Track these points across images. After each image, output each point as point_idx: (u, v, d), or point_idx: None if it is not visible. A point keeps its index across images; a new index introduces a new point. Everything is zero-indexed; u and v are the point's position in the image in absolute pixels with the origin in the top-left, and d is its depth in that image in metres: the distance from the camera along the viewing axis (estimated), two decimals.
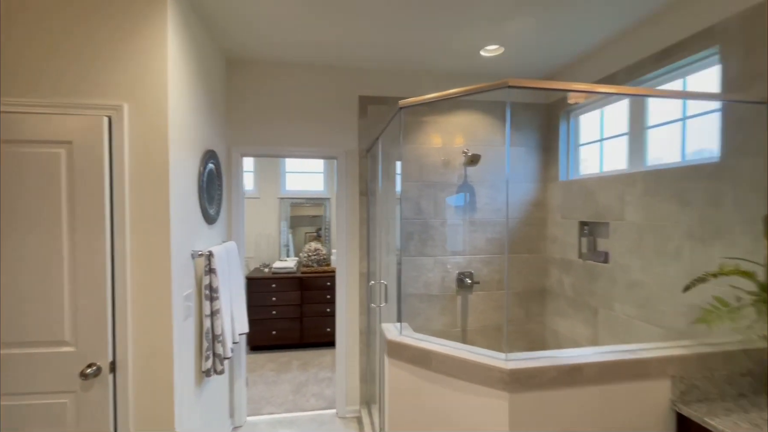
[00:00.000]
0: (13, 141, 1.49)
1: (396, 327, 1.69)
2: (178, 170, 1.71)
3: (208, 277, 1.95)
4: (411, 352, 1.50)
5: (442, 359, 1.42)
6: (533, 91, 2.94)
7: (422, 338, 1.55)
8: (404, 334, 1.60)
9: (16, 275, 1.50)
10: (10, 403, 1.51)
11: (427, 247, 2.87)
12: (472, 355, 1.39)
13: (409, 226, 2.85)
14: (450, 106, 2.88)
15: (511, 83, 1.32)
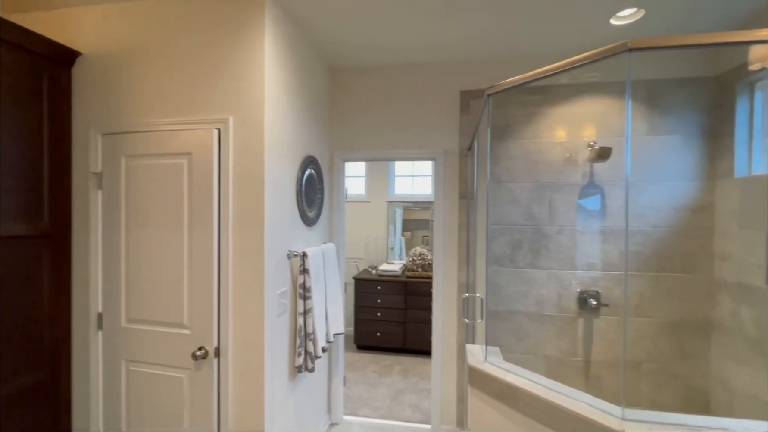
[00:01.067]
0: (150, 154, 1.81)
1: (482, 350, 1.46)
2: (274, 176, 1.82)
3: (302, 277, 2.03)
4: (495, 384, 1.25)
5: (532, 401, 1.14)
6: (691, 62, 2.25)
7: (511, 369, 1.29)
8: (490, 361, 1.35)
9: (154, 264, 1.82)
10: (147, 370, 1.83)
11: (539, 259, 2.47)
12: (571, 401, 1.07)
13: (517, 234, 2.50)
14: (570, 92, 2.43)
15: (633, 44, 0.98)
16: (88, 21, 1.90)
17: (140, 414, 1.85)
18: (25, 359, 1.71)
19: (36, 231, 1.74)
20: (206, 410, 1.76)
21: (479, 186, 2.39)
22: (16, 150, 1.65)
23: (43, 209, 1.77)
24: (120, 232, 1.86)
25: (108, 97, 1.87)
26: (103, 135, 1.88)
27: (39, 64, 1.74)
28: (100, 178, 1.88)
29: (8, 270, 1.63)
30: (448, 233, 2.58)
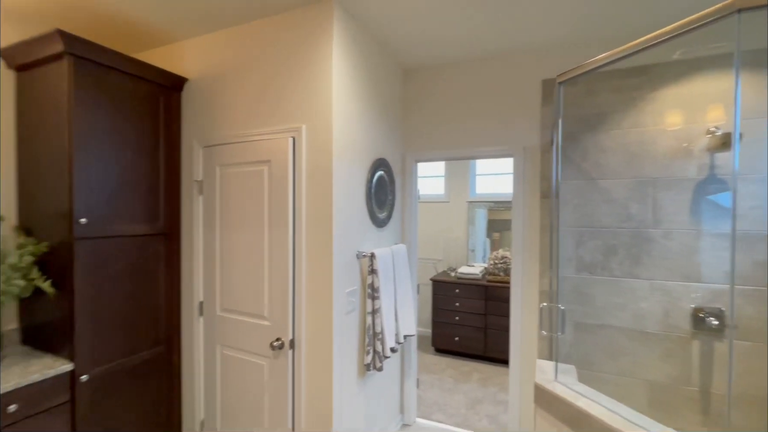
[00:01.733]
0: (238, 163, 2.03)
1: (553, 367, 1.31)
2: (342, 179, 1.90)
3: (371, 277, 2.08)
4: (565, 408, 1.11)
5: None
6: None
7: (585, 392, 1.13)
8: (560, 381, 1.21)
9: (241, 260, 2.04)
10: (236, 355, 2.07)
11: (639, 267, 2.13)
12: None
13: (611, 237, 2.19)
14: (682, 70, 2.04)
15: (741, 4, 0.77)
16: (192, 51, 2.21)
17: (230, 390, 2.09)
18: (149, 337, 2.07)
19: (154, 230, 2.09)
20: (282, 396, 1.91)
21: (564, 184, 2.16)
22: (141, 164, 2.01)
23: (159, 212, 2.12)
24: (215, 232, 2.13)
25: (207, 115, 2.16)
26: (203, 147, 2.17)
27: (156, 91, 2.09)
28: (201, 185, 2.18)
29: (137, 263, 2.00)
30: (528, 236, 2.38)
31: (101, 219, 1.83)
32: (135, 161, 1.98)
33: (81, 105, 1.74)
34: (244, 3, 1.84)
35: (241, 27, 2.05)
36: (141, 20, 2.02)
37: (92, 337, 1.81)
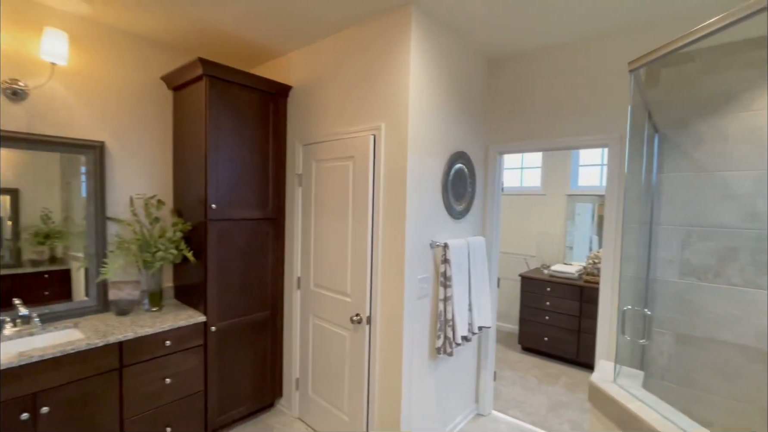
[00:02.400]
0: (329, 159, 2.32)
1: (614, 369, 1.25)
2: (416, 173, 2.02)
3: (443, 266, 2.17)
4: (615, 409, 1.08)
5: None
6: None
7: (644, 398, 1.07)
8: (619, 383, 1.16)
9: (329, 243, 2.34)
10: (324, 325, 2.39)
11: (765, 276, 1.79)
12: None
13: (729, 239, 1.88)
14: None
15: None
16: (295, 62, 2.57)
17: (319, 355, 2.43)
18: (259, 302, 2.53)
19: (264, 215, 2.53)
20: (360, 365, 2.16)
21: (666, 177, 1.92)
22: (255, 160, 2.45)
23: (268, 200, 2.55)
24: (311, 218, 2.47)
25: (306, 117, 2.50)
26: (303, 145, 2.52)
27: (267, 98, 2.50)
28: (300, 177, 2.54)
29: (251, 242, 2.46)
30: (618, 233, 2.17)
31: (226, 205, 2.31)
32: (250, 158, 2.42)
33: (213, 115, 2.21)
34: (332, 15, 2.08)
35: (331, 38, 2.31)
36: (257, 40, 2.43)
37: (219, 298, 2.31)
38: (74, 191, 2.19)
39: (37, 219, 2.08)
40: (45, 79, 2.03)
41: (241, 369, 2.45)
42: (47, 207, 2.10)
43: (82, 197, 2.21)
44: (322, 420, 2.42)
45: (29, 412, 1.65)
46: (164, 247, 2.24)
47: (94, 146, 2.21)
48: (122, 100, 2.34)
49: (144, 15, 2.12)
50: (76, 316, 2.15)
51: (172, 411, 2.12)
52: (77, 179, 2.20)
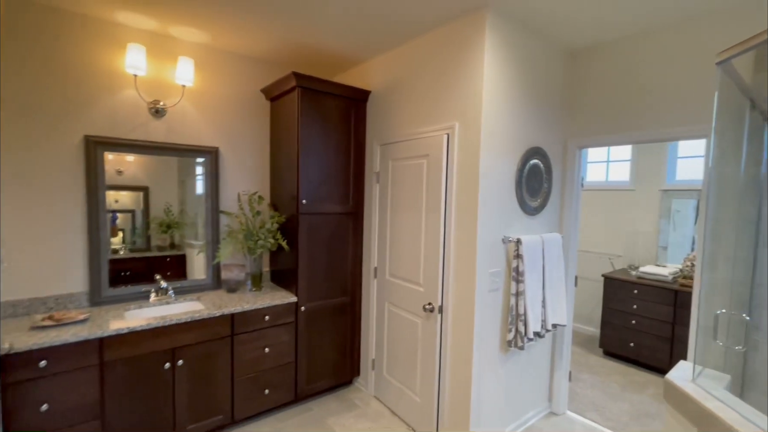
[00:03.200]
0: (404, 157, 2.48)
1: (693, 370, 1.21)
2: (488, 170, 2.09)
3: (516, 261, 2.21)
4: (691, 407, 1.07)
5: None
6: None
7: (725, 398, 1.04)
8: (698, 383, 1.13)
9: (404, 237, 2.51)
10: (398, 312, 2.57)
11: None
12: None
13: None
14: None
15: None
16: (375, 68, 2.77)
17: (393, 339, 2.63)
18: (340, 289, 2.81)
19: (346, 210, 2.79)
20: (431, 350, 2.30)
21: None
22: (338, 160, 2.71)
23: (349, 196, 2.80)
24: (387, 213, 2.67)
25: (383, 119, 2.69)
26: (380, 145, 2.72)
27: (349, 104, 2.74)
28: (378, 175, 2.75)
29: (334, 234, 2.74)
30: (716, 231, 1.98)
31: (313, 201, 2.60)
32: (334, 159, 2.69)
33: (304, 121, 2.51)
34: (410, 22, 2.22)
35: (408, 44, 2.46)
36: (342, 51, 2.68)
37: (307, 282, 2.62)
38: (188, 189, 2.66)
39: (161, 212, 2.56)
40: (178, 99, 2.51)
41: (325, 347, 2.75)
42: (168, 201, 2.58)
43: (195, 194, 2.66)
44: (395, 399, 2.62)
45: (170, 363, 2.11)
46: (264, 236, 2.62)
47: (211, 151, 2.66)
48: (231, 112, 2.77)
49: (248, 39, 2.49)
50: (198, 291, 2.63)
51: (270, 376, 2.49)
52: (191, 179, 2.66)
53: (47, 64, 2.11)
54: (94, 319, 2.05)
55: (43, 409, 1.76)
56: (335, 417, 2.59)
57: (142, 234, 2.49)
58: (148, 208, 2.50)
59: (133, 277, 2.44)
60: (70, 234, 2.23)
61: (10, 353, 1.68)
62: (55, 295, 2.19)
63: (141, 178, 2.45)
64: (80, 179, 2.24)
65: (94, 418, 1.90)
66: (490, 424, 2.27)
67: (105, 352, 1.91)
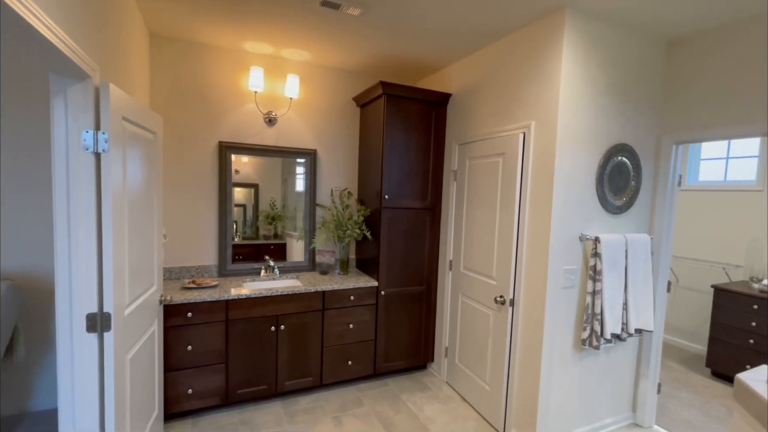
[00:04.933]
0: (480, 156, 2.60)
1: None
2: (566, 167, 2.11)
3: (593, 260, 2.18)
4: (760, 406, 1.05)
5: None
6: None
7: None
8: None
9: (478, 233, 2.63)
10: (471, 303, 2.70)
11: None
12: None
13: None
14: None
15: None
16: (454, 72, 2.94)
17: (466, 329, 2.76)
18: (416, 279, 3.04)
19: (424, 206, 3.00)
20: (502, 341, 2.39)
21: None
22: (418, 160, 2.94)
23: (428, 193, 3.01)
24: (463, 209, 2.81)
25: (461, 119, 2.84)
26: (458, 145, 2.88)
27: (430, 107, 2.95)
28: (455, 174, 2.91)
29: (412, 228, 2.97)
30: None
31: (394, 196, 2.87)
32: (415, 158, 2.93)
33: (388, 125, 2.80)
34: (490, 28, 2.34)
35: (487, 48, 2.57)
36: (425, 58, 2.90)
37: (387, 269, 2.90)
38: (289, 186, 3.13)
39: (267, 206, 3.06)
40: (286, 109, 3.01)
41: (401, 330, 3.01)
42: (273, 197, 3.07)
43: (294, 191, 3.13)
44: (465, 386, 2.75)
45: (275, 327, 2.57)
46: (351, 227, 2.97)
47: (311, 153, 3.11)
48: (327, 118, 3.19)
49: (342, 54, 2.86)
50: (296, 271, 3.10)
51: (353, 349, 2.83)
52: (292, 177, 3.13)
53: (193, 89, 2.74)
54: (222, 286, 2.60)
55: (188, 348, 2.33)
56: (408, 394, 2.82)
57: (251, 225, 3.03)
58: (258, 203, 3.03)
59: (245, 260, 2.99)
60: (206, 220, 2.85)
61: (170, 304, 2.26)
62: (195, 266, 2.82)
63: (252, 177, 2.98)
64: (214, 177, 2.85)
65: (221, 362, 2.43)
66: (561, 421, 2.27)
67: (229, 311, 2.43)
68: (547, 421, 2.21)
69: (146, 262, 1.91)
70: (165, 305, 2.25)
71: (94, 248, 1.48)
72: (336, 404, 2.66)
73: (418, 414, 2.58)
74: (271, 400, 2.67)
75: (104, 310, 1.50)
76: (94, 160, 1.46)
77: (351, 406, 2.64)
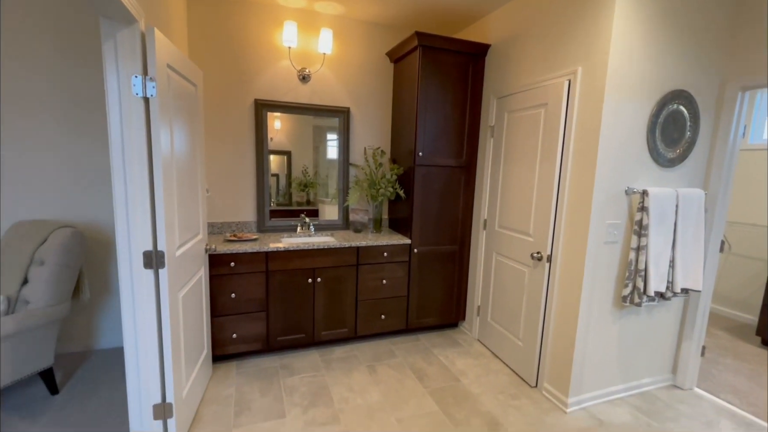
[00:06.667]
0: (520, 109, 2.49)
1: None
2: (614, 116, 1.97)
3: (639, 214, 2.08)
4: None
5: None
6: None
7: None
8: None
9: (514, 190, 2.56)
10: (505, 261, 2.67)
11: None
12: None
13: None
14: None
15: None
16: (494, 22, 2.77)
17: (499, 288, 2.75)
18: (449, 238, 3.02)
19: (458, 164, 2.94)
20: (537, 300, 2.36)
21: None
22: (453, 115, 2.86)
23: (463, 150, 2.94)
24: (499, 166, 2.73)
25: (501, 71, 2.71)
26: (497, 98, 2.76)
27: (468, 59, 2.82)
28: (492, 129, 2.81)
29: (445, 186, 2.93)
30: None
31: (428, 153, 2.83)
32: (451, 114, 2.84)
33: (423, 79, 2.71)
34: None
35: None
36: (462, 6, 2.75)
37: (420, 227, 2.91)
38: (320, 153, 3.13)
39: (299, 173, 3.09)
40: (319, 66, 2.98)
41: (433, 288, 3.04)
42: (305, 164, 3.10)
43: (326, 158, 3.12)
44: (497, 343, 2.77)
45: (311, 279, 2.66)
46: (384, 186, 2.97)
47: (344, 111, 3.09)
48: (360, 75, 3.13)
49: (377, 6, 2.76)
50: (330, 229, 3.17)
51: (386, 304, 2.90)
52: (323, 144, 3.12)
53: (228, 45, 2.75)
54: (262, 240, 2.70)
55: (232, 296, 2.47)
56: (439, 349, 2.88)
57: (285, 193, 3.08)
58: (291, 170, 3.07)
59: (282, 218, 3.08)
60: (244, 177, 2.93)
61: (214, 253, 2.39)
62: (236, 221, 2.94)
63: (285, 144, 3.01)
64: (251, 134, 2.90)
65: (262, 310, 2.57)
66: (596, 378, 2.25)
67: (269, 263, 2.54)
68: (581, 377, 2.20)
69: (192, 210, 2.01)
70: (210, 254, 2.38)
71: (146, 192, 1.56)
72: (370, 354, 2.77)
73: (450, 367, 2.64)
74: (308, 349, 2.82)
75: (158, 249, 1.60)
76: (143, 105, 1.51)
77: (384, 357, 2.74)
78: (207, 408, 2.13)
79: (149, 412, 1.69)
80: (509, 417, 2.14)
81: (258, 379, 2.42)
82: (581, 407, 2.23)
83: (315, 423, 2.04)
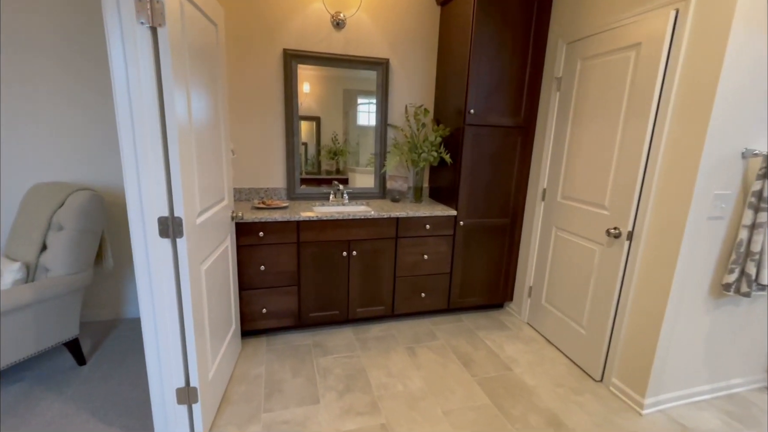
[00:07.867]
0: (600, 53, 2.03)
1: None
2: (741, 54, 1.52)
3: (760, 183, 1.65)
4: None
5: None
6: None
7: None
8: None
9: (588, 153, 2.15)
10: (569, 238, 2.30)
11: None
12: None
13: None
14: None
15: None
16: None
17: (559, 268, 2.40)
18: (500, 209, 2.67)
19: (515, 123, 2.53)
20: (609, 284, 2.01)
21: None
22: (511, 66, 2.43)
23: (521, 107, 2.52)
24: (567, 126, 2.31)
25: (574, 10, 2.23)
26: (567, 44, 2.30)
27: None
28: (559, 82, 2.36)
29: (499, 149, 2.55)
30: None
31: (481, 111, 2.43)
32: (509, 64, 2.41)
33: (479, 21, 2.28)
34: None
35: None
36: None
37: (467, 197, 2.56)
38: (350, 120, 2.77)
39: (329, 141, 2.77)
40: (355, 10, 2.59)
41: (479, 265, 2.72)
42: (335, 131, 2.76)
43: (356, 125, 2.77)
44: (552, 328, 2.46)
45: (346, 252, 2.41)
46: (427, 149, 2.62)
47: (382, 63, 2.71)
48: (400, 21, 2.71)
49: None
50: (366, 198, 2.88)
51: (426, 281, 2.63)
52: (353, 110, 2.76)
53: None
54: (292, 208, 2.45)
55: (261, 268, 2.26)
56: (485, 332, 2.61)
57: (314, 162, 2.78)
58: (320, 138, 2.76)
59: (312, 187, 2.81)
60: (273, 139, 2.65)
61: (241, 221, 2.16)
62: (264, 188, 2.70)
63: (314, 109, 2.68)
64: (280, 89, 2.59)
65: (293, 284, 2.36)
66: (678, 377, 1.92)
67: (301, 233, 2.29)
68: (662, 374, 1.87)
69: (215, 172, 1.76)
70: (237, 223, 2.16)
71: (159, 147, 1.30)
72: (409, 335, 2.53)
73: (499, 353, 2.37)
74: (342, 326, 2.61)
75: (175, 215, 1.36)
76: (150, 38, 1.23)
77: (424, 338, 2.49)
78: (236, 387, 1.97)
79: (172, 395, 1.52)
80: (572, 416, 1.85)
81: (289, 357, 2.24)
82: (659, 409, 1.91)
83: (352, 412, 1.83)
